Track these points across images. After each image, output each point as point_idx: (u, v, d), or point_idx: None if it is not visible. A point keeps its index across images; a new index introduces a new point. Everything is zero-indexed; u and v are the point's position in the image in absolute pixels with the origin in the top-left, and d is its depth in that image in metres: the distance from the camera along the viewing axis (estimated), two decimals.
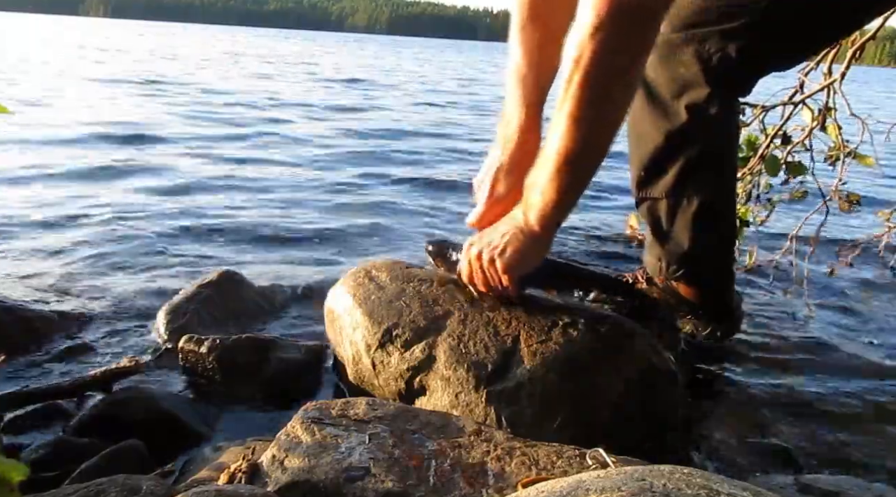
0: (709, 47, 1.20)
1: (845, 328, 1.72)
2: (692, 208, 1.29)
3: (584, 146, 0.94)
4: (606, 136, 0.95)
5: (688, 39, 1.22)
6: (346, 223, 2.49)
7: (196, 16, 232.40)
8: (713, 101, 1.23)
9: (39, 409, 1.14)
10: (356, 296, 1.21)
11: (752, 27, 1.17)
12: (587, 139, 0.93)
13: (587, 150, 0.95)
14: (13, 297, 1.50)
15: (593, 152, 0.96)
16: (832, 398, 1.35)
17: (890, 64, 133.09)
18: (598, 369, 1.06)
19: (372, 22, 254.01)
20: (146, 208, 2.52)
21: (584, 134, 0.92)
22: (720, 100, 1.24)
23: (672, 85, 1.25)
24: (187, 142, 4.08)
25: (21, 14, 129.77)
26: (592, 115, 0.91)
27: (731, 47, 1.19)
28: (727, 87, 1.25)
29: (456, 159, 4.12)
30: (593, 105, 0.90)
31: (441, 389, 1.05)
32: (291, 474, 0.77)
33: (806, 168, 2.05)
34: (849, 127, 2.03)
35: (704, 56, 1.21)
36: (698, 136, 1.26)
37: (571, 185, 0.98)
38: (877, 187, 3.79)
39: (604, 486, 0.54)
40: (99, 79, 7.70)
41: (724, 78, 1.22)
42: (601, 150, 0.96)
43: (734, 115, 1.36)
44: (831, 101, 1.95)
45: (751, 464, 1.11)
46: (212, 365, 1.25)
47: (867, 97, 12.72)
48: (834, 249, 2.35)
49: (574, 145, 0.93)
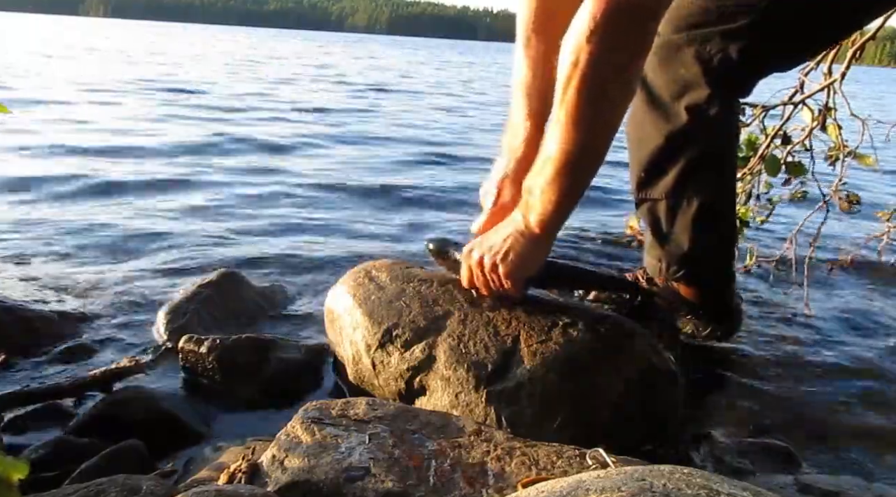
0: (710, 48, 1.20)
1: (845, 328, 1.72)
2: (692, 209, 1.29)
3: (583, 148, 0.94)
4: (605, 138, 0.95)
5: (689, 40, 1.22)
6: (348, 223, 2.49)
7: (196, 16, 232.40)
8: (714, 102, 1.23)
9: (39, 409, 1.14)
10: (356, 296, 1.21)
11: (752, 28, 1.17)
12: (586, 141, 0.93)
13: (586, 151, 0.95)
14: (13, 297, 1.50)
15: (592, 154, 0.96)
16: (832, 398, 1.36)
17: (890, 64, 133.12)
18: (598, 369, 1.06)
19: (372, 22, 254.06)
20: (146, 208, 2.52)
21: (582, 136, 0.92)
22: (721, 101, 1.24)
23: (672, 86, 1.25)
24: (187, 143, 4.09)
25: (21, 14, 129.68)
26: (591, 116, 0.91)
27: (731, 48, 1.19)
28: (728, 88, 1.26)
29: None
30: (591, 106, 0.90)
31: (441, 389, 1.05)
32: (291, 474, 0.77)
33: (806, 168, 2.05)
34: (849, 127, 2.03)
35: (705, 57, 1.21)
36: (699, 137, 1.26)
37: (571, 186, 0.98)
38: (877, 187, 3.79)
39: (604, 486, 0.54)
40: (137, 82, 7.58)
41: (725, 79, 1.22)
42: (600, 151, 0.96)
43: (734, 115, 1.36)
44: (831, 101, 1.95)
45: (751, 464, 1.11)
46: (212, 365, 1.25)
47: (870, 95, 12.72)
48: (834, 249, 2.35)
49: (573, 147, 0.93)
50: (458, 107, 7.52)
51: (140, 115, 5.07)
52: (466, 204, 2.86)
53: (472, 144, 4.81)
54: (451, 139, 5.00)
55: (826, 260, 2.20)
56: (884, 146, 2.18)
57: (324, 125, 5.32)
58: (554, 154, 0.94)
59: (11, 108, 0.54)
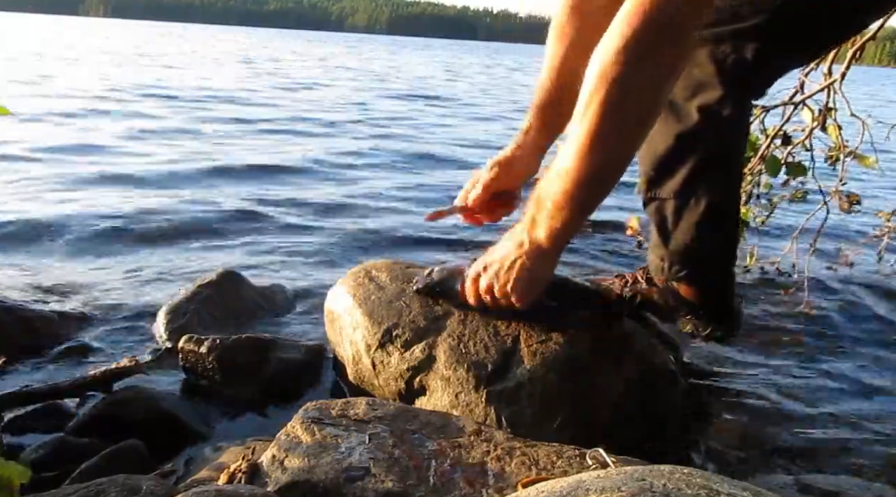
0: (724, 48, 1.19)
1: (845, 328, 1.72)
2: (700, 209, 1.29)
3: (605, 163, 0.91)
4: (625, 156, 0.92)
5: (702, 40, 1.21)
6: (349, 223, 2.49)
7: (196, 16, 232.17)
8: (726, 103, 1.22)
9: (39, 409, 1.14)
10: (356, 296, 1.21)
11: (766, 28, 1.16)
12: (605, 158, 0.91)
13: (608, 166, 0.92)
14: (13, 297, 1.50)
15: (614, 169, 0.94)
16: (832, 398, 1.36)
17: (890, 64, 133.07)
18: (598, 369, 1.06)
19: (372, 22, 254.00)
20: (145, 209, 2.52)
21: (603, 152, 0.89)
22: (734, 101, 1.23)
23: (685, 86, 1.24)
24: (190, 144, 4.09)
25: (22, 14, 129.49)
26: (614, 133, 0.89)
27: (746, 49, 1.18)
28: (741, 89, 1.25)
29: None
30: (616, 123, 0.88)
31: (441, 389, 1.05)
32: (291, 474, 0.77)
33: (806, 169, 2.05)
34: (849, 127, 2.03)
35: (719, 57, 1.20)
36: (709, 137, 1.25)
37: (588, 201, 0.95)
38: (877, 187, 3.79)
39: (604, 486, 0.54)
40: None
41: (739, 79, 1.21)
42: (621, 167, 0.94)
43: (746, 117, 1.35)
44: (831, 102, 1.95)
45: (751, 464, 1.11)
46: (212, 365, 1.25)
47: (872, 94, 12.68)
48: (834, 249, 2.35)
49: (594, 162, 0.90)
50: None
51: (163, 120, 5.07)
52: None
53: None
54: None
55: (826, 260, 2.20)
56: (884, 146, 2.18)
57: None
58: (571, 167, 0.91)
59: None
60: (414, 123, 5.86)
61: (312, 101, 7.06)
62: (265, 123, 5.19)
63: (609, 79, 0.85)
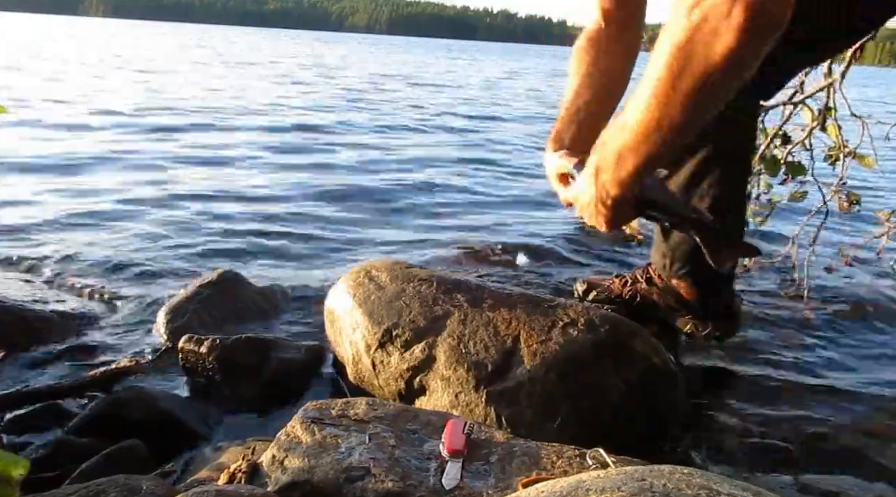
0: None
1: (845, 328, 1.72)
2: (704, 207, 1.29)
3: (669, 125, 0.86)
4: (696, 118, 0.87)
5: None
6: (349, 222, 2.49)
7: (196, 16, 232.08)
8: (735, 103, 1.22)
9: (39, 409, 1.14)
10: (356, 296, 1.21)
11: None
12: (671, 117, 0.85)
13: (668, 126, 0.86)
14: (13, 297, 1.50)
15: (676, 130, 0.87)
16: (832, 398, 1.35)
17: (890, 64, 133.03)
18: (598, 369, 1.06)
19: (372, 22, 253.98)
20: (145, 209, 2.52)
21: (668, 110, 0.85)
22: (741, 101, 1.23)
23: None
24: (195, 143, 4.09)
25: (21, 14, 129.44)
26: (687, 91, 0.83)
27: None
28: (750, 88, 1.25)
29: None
30: (690, 81, 0.82)
31: (441, 389, 1.05)
32: (291, 474, 0.77)
33: (805, 168, 2.05)
34: (849, 127, 2.03)
35: None
36: (717, 136, 1.25)
37: (652, 153, 0.89)
38: (876, 187, 3.79)
39: (604, 486, 0.54)
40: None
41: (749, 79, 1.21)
42: (685, 129, 0.88)
43: (755, 118, 1.35)
44: (831, 101, 1.95)
45: (751, 464, 1.11)
46: (212, 365, 1.25)
47: (872, 94, 12.65)
48: (834, 249, 2.35)
49: (654, 119, 0.85)
50: None
51: None
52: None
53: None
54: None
55: (826, 260, 2.20)
56: (884, 146, 2.18)
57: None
58: (633, 122, 0.87)
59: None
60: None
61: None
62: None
63: (685, 32, 0.79)
